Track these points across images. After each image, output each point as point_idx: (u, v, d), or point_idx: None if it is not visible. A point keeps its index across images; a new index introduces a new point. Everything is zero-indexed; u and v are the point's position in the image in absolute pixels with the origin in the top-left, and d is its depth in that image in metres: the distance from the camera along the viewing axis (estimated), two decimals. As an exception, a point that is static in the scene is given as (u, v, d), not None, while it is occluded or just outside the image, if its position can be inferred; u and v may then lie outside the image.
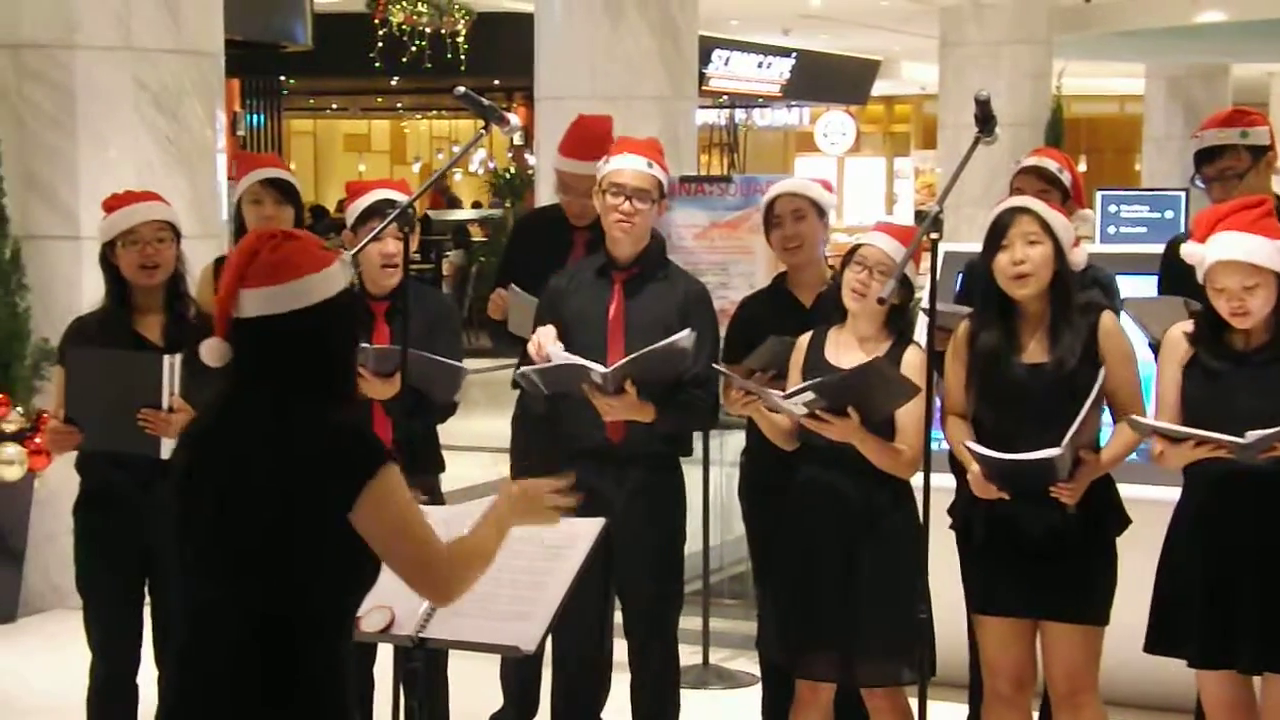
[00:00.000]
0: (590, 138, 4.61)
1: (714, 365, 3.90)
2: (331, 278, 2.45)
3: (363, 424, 2.49)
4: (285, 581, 2.40)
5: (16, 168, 5.90)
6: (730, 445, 5.99)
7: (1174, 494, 3.60)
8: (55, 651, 5.41)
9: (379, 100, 22.63)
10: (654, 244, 4.05)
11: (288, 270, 2.42)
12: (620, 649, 4.10)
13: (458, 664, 4.14)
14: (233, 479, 2.41)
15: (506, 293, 4.52)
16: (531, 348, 3.95)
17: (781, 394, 3.60)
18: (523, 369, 3.95)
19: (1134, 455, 3.62)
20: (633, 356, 3.78)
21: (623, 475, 3.88)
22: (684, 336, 3.75)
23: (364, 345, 3.85)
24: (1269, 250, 3.35)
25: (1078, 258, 3.60)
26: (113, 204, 3.86)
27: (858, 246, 3.71)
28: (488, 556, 2.55)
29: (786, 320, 3.98)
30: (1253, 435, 3.29)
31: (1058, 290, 3.55)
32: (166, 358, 3.65)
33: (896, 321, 3.72)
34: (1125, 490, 3.68)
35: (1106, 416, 3.63)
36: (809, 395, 3.54)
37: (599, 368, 3.77)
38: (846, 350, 3.73)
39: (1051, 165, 4.25)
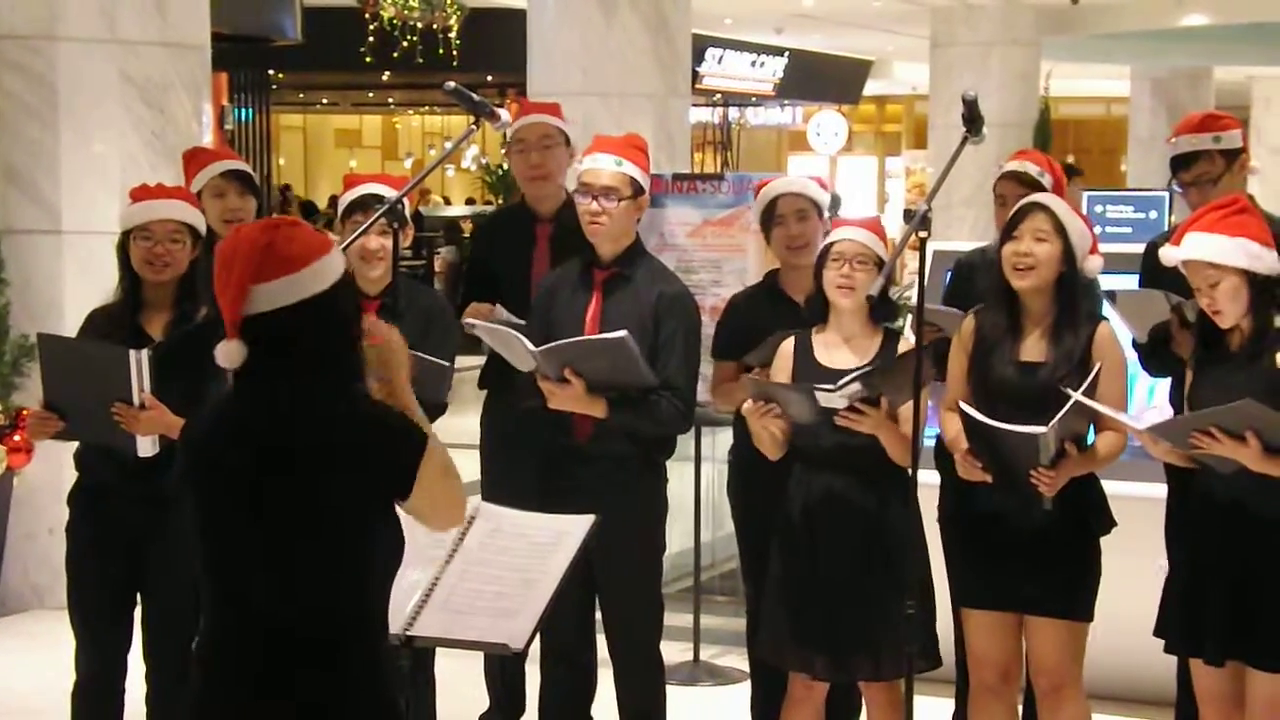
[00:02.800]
0: (536, 104, 4.68)
1: (747, 377, 3.81)
2: (335, 260, 2.44)
3: (392, 408, 2.47)
4: (336, 574, 2.39)
5: (-4, 160, 5.85)
6: (721, 442, 5.98)
7: (1158, 490, 3.69)
8: (35, 652, 5.36)
9: (370, 95, 22.58)
10: (638, 243, 4.01)
11: (305, 256, 2.38)
12: (603, 646, 4.06)
13: (442, 664, 4.10)
14: (277, 478, 2.38)
15: (492, 310, 4.32)
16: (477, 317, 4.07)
17: (830, 388, 3.54)
18: (469, 320, 3.91)
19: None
20: (563, 342, 3.75)
21: (593, 476, 3.83)
22: (620, 335, 3.69)
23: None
24: (1228, 247, 3.39)
25: (1092, 266, 3.63)
26: (137, 195, 3.81)
27: (831, 244, 3.71)
28: (444, 451, 2.52)
29: (784, 320, 3.97)
30: (1150, 419, 3.40)
31: (1063, 293, 3.58)
32: (132, 353, 3.57)
33: (881, 314, 3.72)
34: (1110, 487, 3.70)
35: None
36: (855, 387, 3.51)
37: (529, 345, 3.74)
38: (836, 350, 3.73)
39: (1032, 169, 4.31)
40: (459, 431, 4.08)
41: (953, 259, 4.62)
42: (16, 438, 5.62)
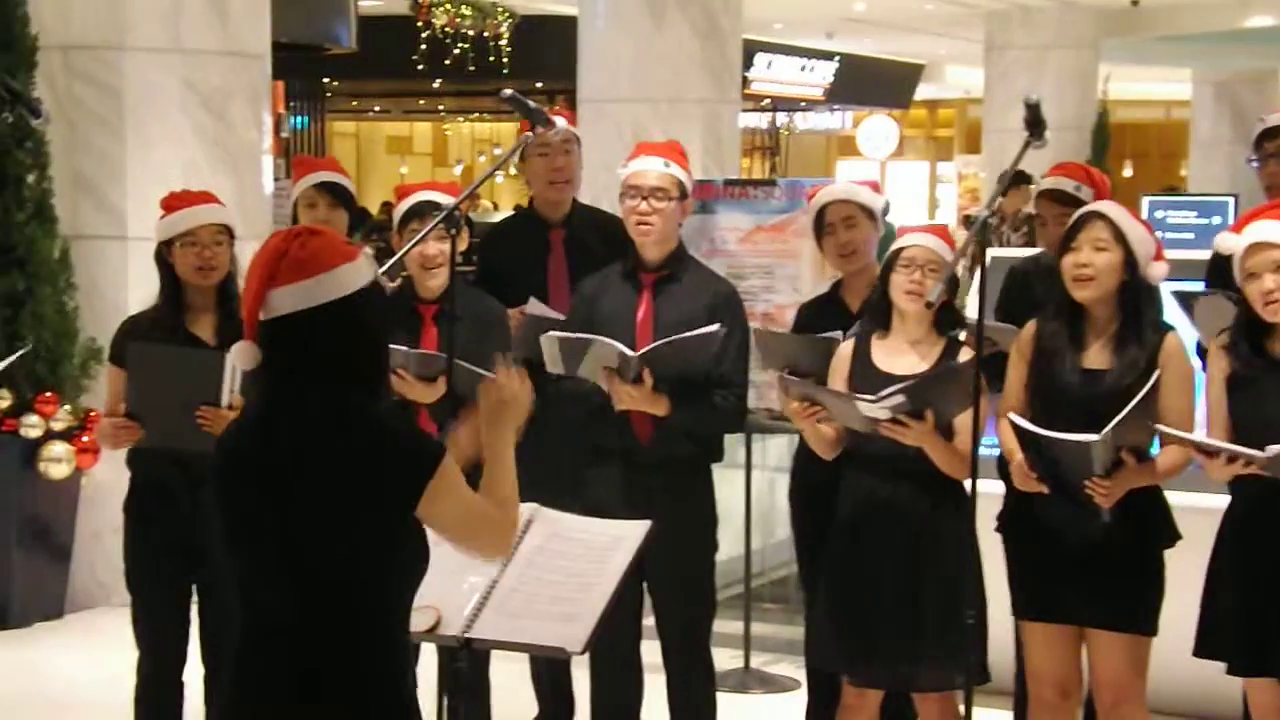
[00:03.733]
0: (557, 112, 4.66)
1: (785, 376, 3.83)
2: (360, 269, 2.46)
3: (413, 420, 2.50)
4: (353, 579, 2.41)
5: (65, 168, 5.96)
6: (771, 449, 5.99)
7: (1222, 502, 3.59)
8: (101, 648, 5.45)
9: (421, 103, 22.72)
10: (682, 246, 4.05)
11: (319, 263, 2.41)
12: (653, 651, 4.10)
13: (495, 667, 4.14)
14: (291, 481, 2.41)
15: (524, 309, 4.31)
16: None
17: (870, 399, 3.55)
18: (550, 333, 3.92)
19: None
20: (662, 342, 3.77)
21: (650, 479, 3.86)
22: (716, 330, 3.74)
23: (405, 349, 3.86)
24: None
25: (1156, 273, 3.57)
26: (171, 204, 3.90)
27: (900, 249, 3.69)
28: (514, 491, 2.57)
29: (835, 327, 3.98)
30: (1273, 449, 3.27)
31: (1127, 301, 3.52)
32: (229, 355, 3.66)
33: (946, 322, 3.71)
34: (1173, 498, 3.65)
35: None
36: (898, 399, 3.51)
37: (626, 350, 3.76)
38: (898, 355, 3.71)
39: (1068, 185, 4.24)
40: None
41: (1007, 265, 4.60)
42: (85, 439, 5.74)
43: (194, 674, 3.90)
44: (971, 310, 3.80)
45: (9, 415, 5.70)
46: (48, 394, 5.76)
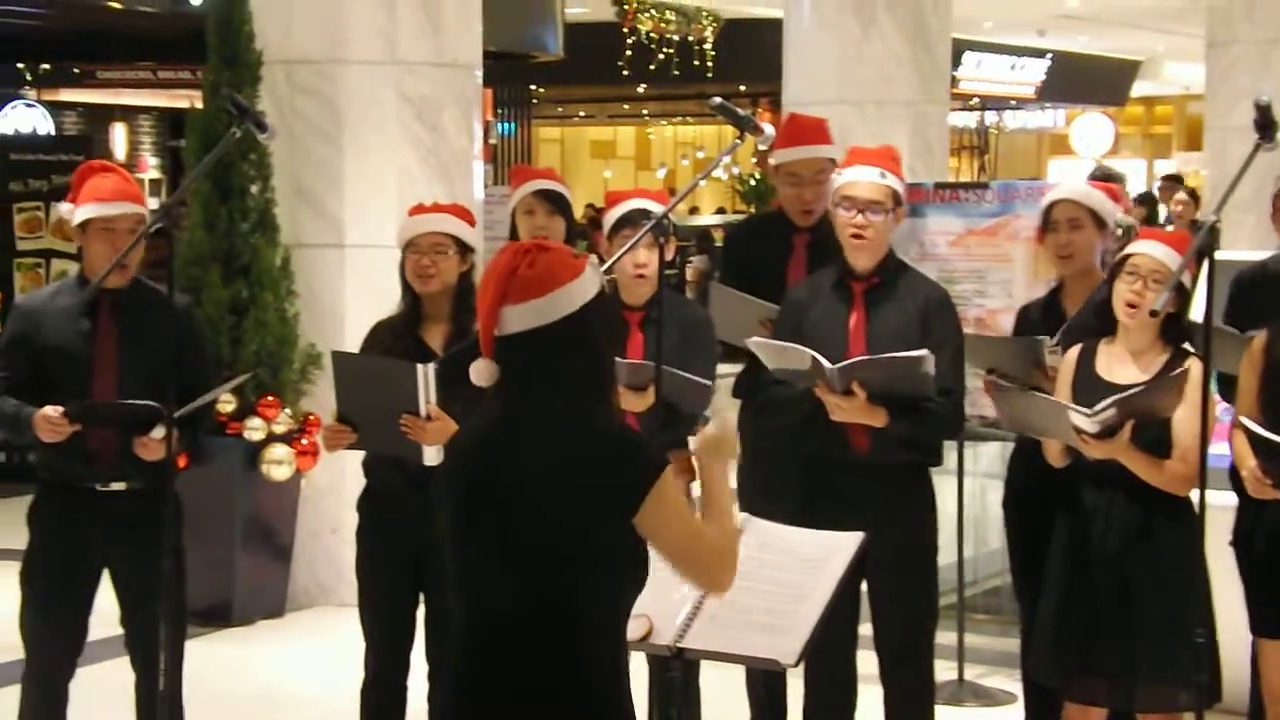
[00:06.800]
0: (805, 126, 4.55)
1: (997, 381, 3.73)
2: (588, 282, 2.50)
3: (634, 432, 2.52)
4: (578, 585, 2.45)
5: (287, 178, 6.16)
6: (984, 456, 5.87)
7: None
8: (320, 646, 5.61)
9: (625, 107, 22.96)
10: (892, 252, 3.99)
11: (549, 282, 2.46)
12: (871, 662, 4.02)
13: (706, 674, 4.12)
14: (520, 490, 2.46)
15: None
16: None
17: (1087, 412, 3.46)
18: (755, 339, 3.91)
19: None
20: (862, 359, 3.74)
21: (871, 487, 3.81)
22: (923, 355, 3.67)
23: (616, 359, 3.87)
24: None
25: None
26: (410, 214, 4.01)
27: (1127, 256, 3.58)
28: (734, 533, 2.60)
29: (1052, 334, 3.89)
30: None
31: None
32: (420, 367, 3.73)
33: (1173, 331, 3.58)
34: None
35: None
36: (1110, 412, 3.42)
37: (826, 363, 3.73)
38: (1120, 364, 3.62)
39: None
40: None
41: (1233, 269, 4.42)
42: (304, 441, 5.92)
43: (418, 674, 3.97)
44: (1196, 317, 3.64)
45: (233, 419, 5.90)
46: (269, 398, 5.95)
